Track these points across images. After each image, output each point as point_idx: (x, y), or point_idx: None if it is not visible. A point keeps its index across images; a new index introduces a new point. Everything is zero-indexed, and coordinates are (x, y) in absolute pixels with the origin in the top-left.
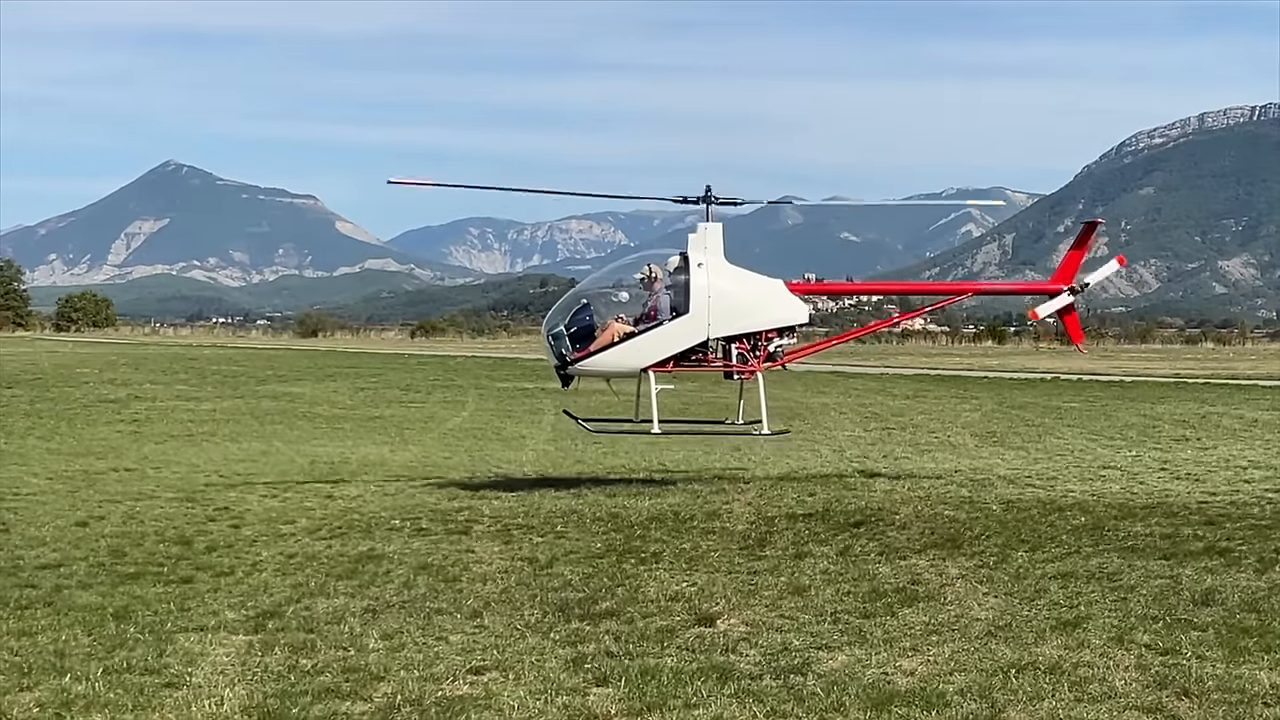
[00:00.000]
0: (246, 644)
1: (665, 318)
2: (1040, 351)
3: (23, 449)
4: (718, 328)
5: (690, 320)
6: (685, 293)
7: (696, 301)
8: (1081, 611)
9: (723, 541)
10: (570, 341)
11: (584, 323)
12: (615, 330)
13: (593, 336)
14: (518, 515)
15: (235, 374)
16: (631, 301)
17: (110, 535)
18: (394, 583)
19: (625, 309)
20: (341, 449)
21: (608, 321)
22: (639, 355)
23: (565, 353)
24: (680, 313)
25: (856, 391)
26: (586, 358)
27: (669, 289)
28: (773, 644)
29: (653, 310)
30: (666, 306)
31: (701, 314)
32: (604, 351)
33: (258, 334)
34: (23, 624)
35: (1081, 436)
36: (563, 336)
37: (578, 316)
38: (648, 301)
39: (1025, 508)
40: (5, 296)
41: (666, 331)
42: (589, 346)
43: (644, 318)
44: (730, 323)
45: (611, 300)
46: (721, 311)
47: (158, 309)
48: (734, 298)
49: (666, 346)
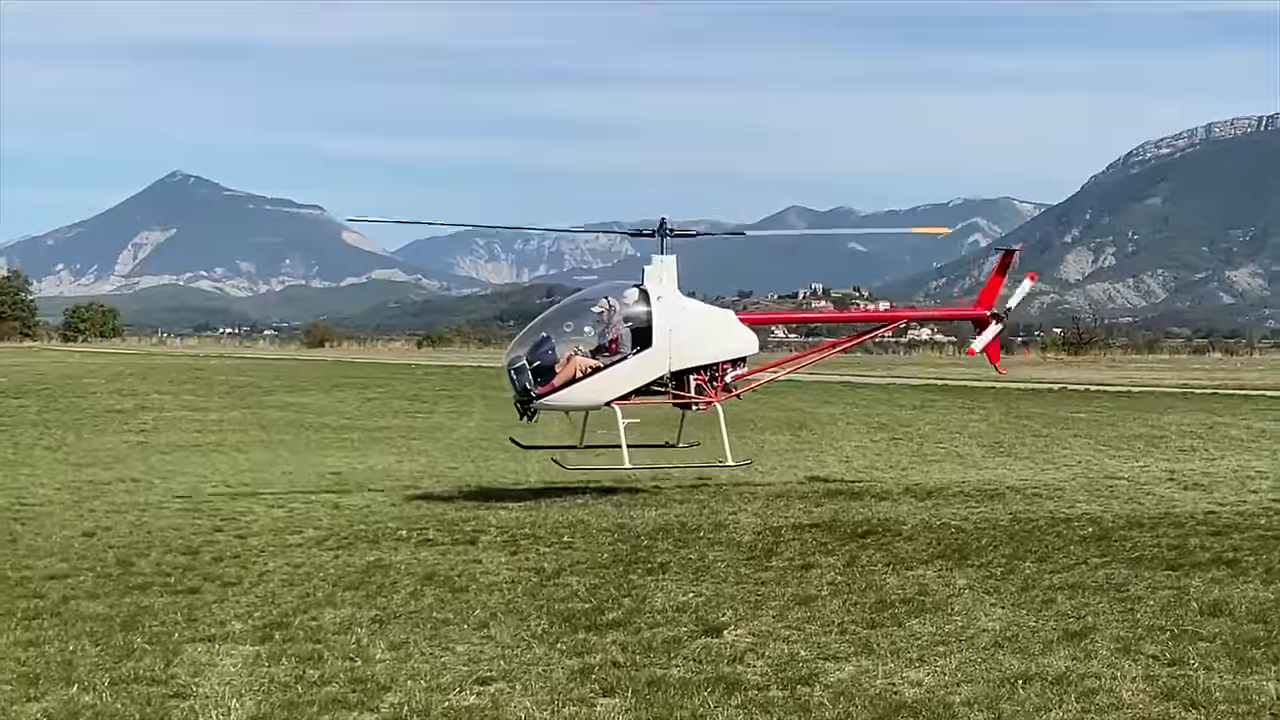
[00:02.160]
0: (253, 654)
1: (627, 351)
2: (1047, 362)
3: (30, 459)
4: (679, 359)
5: (653, 353)
6: (646, 326)
7: (658, 335)
8: (1089, 622)
9: (729, 552)
10: (533, 375)
11: (546, 357)
12: (578, 364)
13: (554, 370)
14: (525, 526)
15: (242, 384)
16: (592, 335)
17: (117, 545)
18: (401, 593)
19: (585, 342)
20: (348, 459)
21: (568, 355)
22: (603, 389)
23: (529, 386)
24: (642, 346)
25: (863, 402)
26: (551, 393)
27: (628, 322)
28: (780, 655)
29: (613, 343)
30: (627, 340)
31: (663, 347)
32: (568, 386)
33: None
34: (30, 634)
35: (1089, 447)
36: (525, 370)
37: (540, 350)
38: (607, 335)
39: (1032, 519)
40: (13, 307)
41: (630, 365)
42: (552, 381)
43: (604, 351)
44: (690, 355)
45: (572, 333)
46: (681, 344)
47: (165, 319)
48: (692, 330)
49: (630, 380)
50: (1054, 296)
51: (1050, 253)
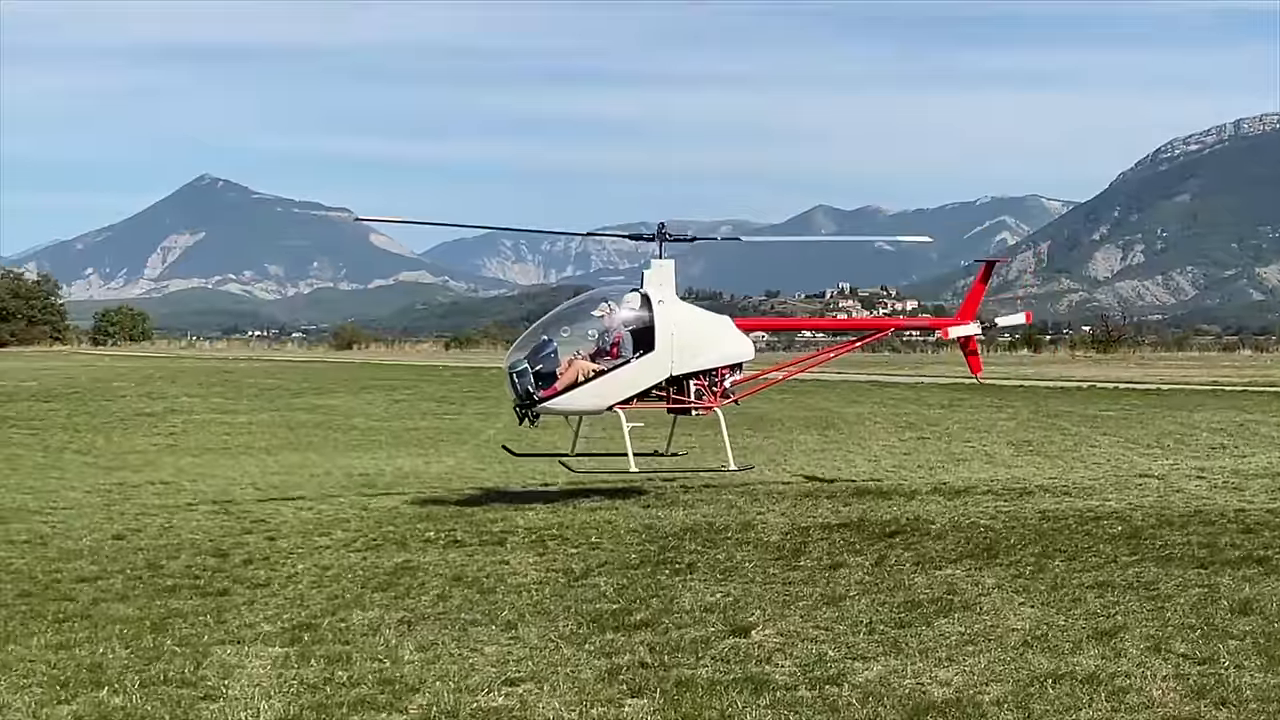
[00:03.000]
0: (282, 656)
1: (629, 355)
2: (1076, 360)
3: (60, 462)
4: (680, 364)
5: (654, 358)
6: (649, 330)
7: (660, 339)
8: (1118, 621)
9: (757, 552)
10: (535, 379)
11: (548, 360)
12: (580, 368)
13: (556, 375)
14: (552, 526)
15: (271, 387)
16: (593, 339)
17: (147, 548)
18: (429, 594)
19: (587, 346)
20: (376, 461)
21: (570, 359)
22: (605, 394)
23: (530, 390)
24: (644, 350)
25: (891, 401)
26: (553, 396)
27: (630, 326)
28: (808, 655)
29: (614, 348)
30: (629, 344)
31: (665, 351)
32: (570, 391)
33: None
34: (61, 637)
35: (1118, 445)
36: (527, 374)
37: (541, 354)
38: (609, 339)
39: (1062, 517)
40: (43, 311)
41: (632, 370)
42: (554, 385)
43: (605, 355)
44: (692, 359)
45: (573, 337)
46: (683, 348)
47: (194, 322)
48: (692, 335)
49: (633, 384)
50: (1083, 294)
51: (1078, 250)
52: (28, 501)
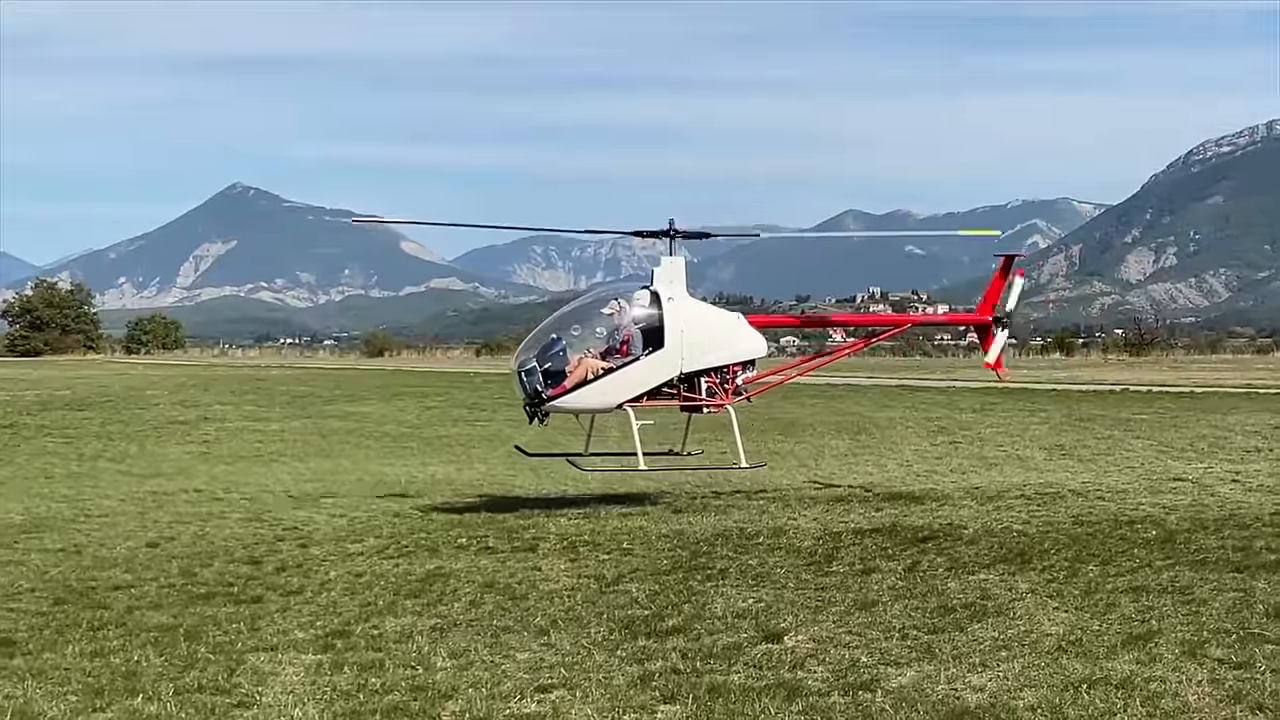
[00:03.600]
0: (316, 663)
1: (639, 353)
2: (1109, 363)
3: (94, 470)
4: (690, 362)
5: (664, 355)
6: (658, 327)
7: (670, 337)
8: (1153, 626)
9: (789, 558)
10: (543, 378)
11: (557, 359)
12: (589, 367)
13: (565, 373)
14: (584, 532)
15: (303, 394)
16: (603, 337)
17: (181, 556)
18: (461, 601)
19: (596, 344)
20: (408, 468)
21: (580, 357)
22: (614, 392)
23: (539, 388)
24: (654, 348)
25: (923, 405)
26: (562, 395)
27: (639, 324)
28: (841, 660)
29: (624, 345)
30: (639, 342)
31: (675, 349)
32: (580, 388)
33: (325, 354)
34: (95, 644)
35: (1152, 449)
36: (535, 372)
37: (550, 352)
38: (619, 337)
39: (1095, 521)
40: (76, 320)
41: (641, 367)
42: (563, 383)
43: (615, 353)
44: (702, 356)
45: (582, 335)
46: (692, 346)
47: (226, 330)
48: (702, 332)
49: (641, 382)
50: (1115, 297)
51: (1111, 253)
52: (62, 510)
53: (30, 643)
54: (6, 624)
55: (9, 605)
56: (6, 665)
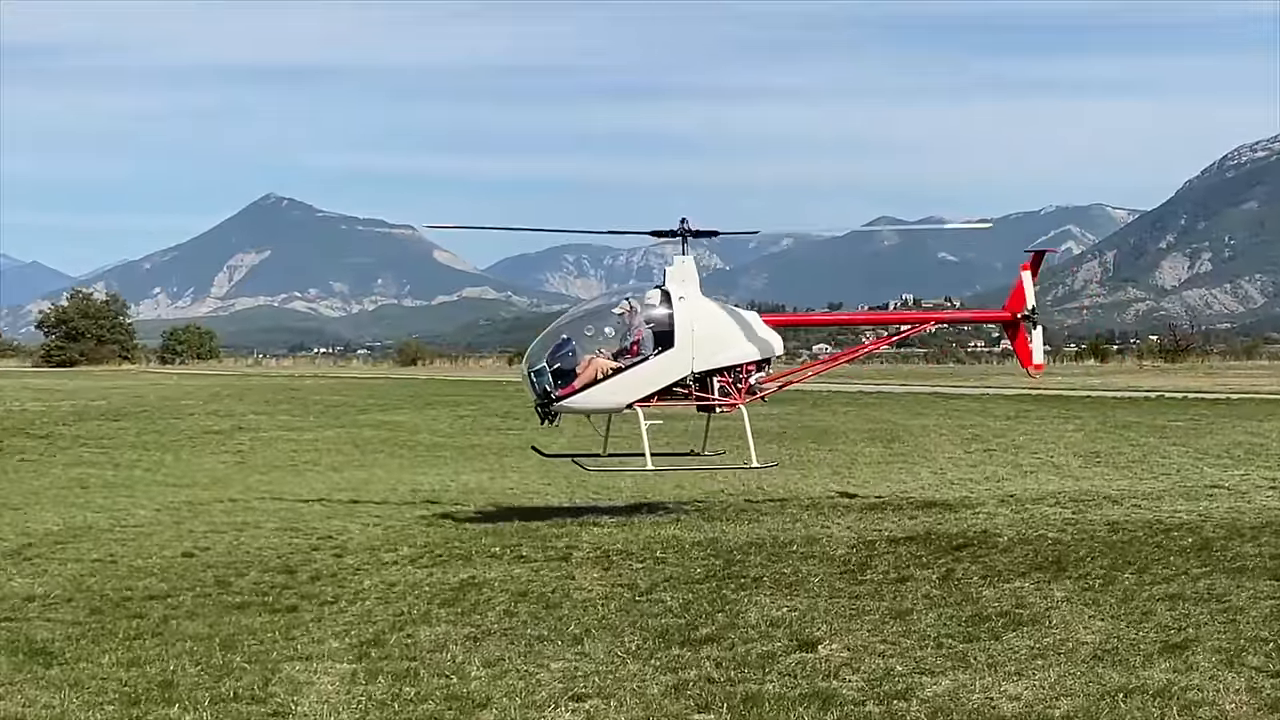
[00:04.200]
0: (350, 672)
1: (648, 353)
2: (1144, 370)
3: (130, 480)
4: (700, 361)
5: (674, 355)
6: (668, 327)
7: (680, 336)
8: (1190, 634)
9: (823, 566)
10: (553, 378)
11: (567, 359)
12: (599, 367)
13: (575, 373)
14: (617, 541)
15: (337, 404)
16: (613, 337)
17: (216, 565)
18: (495, 610)
19: (607, 345)
20: (442, 477)
21: (590, 358)
22: (624, 391)
23: (549, 389)
24: (664, 347)
25: (957, 412)
26: (571, 395)
27: (650, 323)
28: (875, 669)
29: (634, 345)
30: (649, 341)
31: (685, 348)
32: (589, 388)
33: (358, 363)
34: (132, 654)
35: (1187, 455)
36: (545, 373)
37: (560, 352)
38: (629, 337)
39: (1131, 529)
40: (111, 330)
41: (651, 367)
42: (573, 383)
43: (625, 353)
44: (713, 356)
45: (593, 336)
46: (704, 345)
47: (260, 340)
48: (714, 331)
49: (651, 382)
50: (1150, 303)
51: (1145, 259)
52: (98, 520)
53: (67, 652)
54: (44, 633)
55: (46, 615)
56: (44, 675)
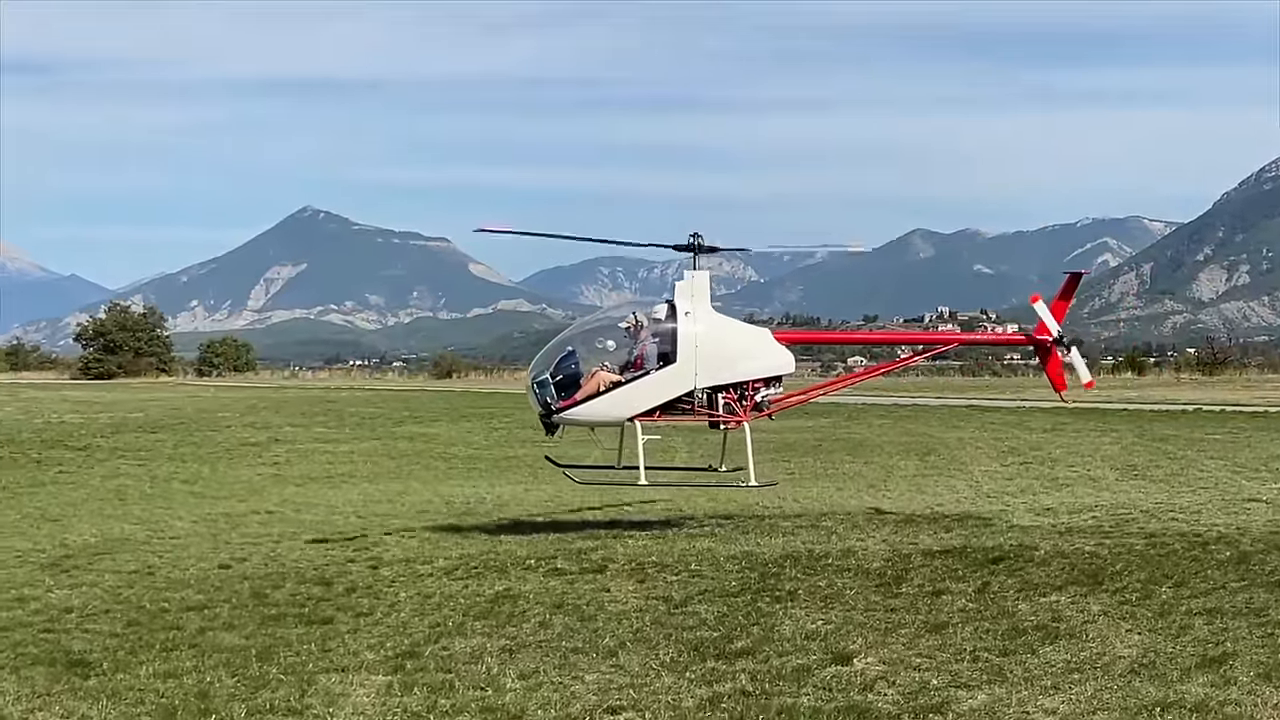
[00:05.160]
0: (386, 684)
1: (651, 367)
2: (1181, 383)
3: (167, 492)
4: (704, 377)
5: (677, 369)
6: (672, 342)
7: (683, 351)
8: (1228, 648)
9: (858, 579)
10: (555, 390)
11: (569, 371)
12: (601, 379)
13: (578, 385)
14: (652, 554)
15: (372, 416)
16: (617, 350)
17: (252, 577)
18: (530, 622)
19: (611, 357)
20: (477, 489)
21: (593, 370)
22: (625, 405)
23: (550, 401)
24: (667, 362)
25: (992, 425)
26: (572, 407)
27: (655, 337)
28: (911, 683)
29: (639, 359)
30: (653, 355)
31: (688, 363)
32: (589, 401)
33: (393, 376)
34: (169, 665)
35: (1225, 469)
36: (547, 385)
37: (563, 364)
38: (634, 350)
39: (1168, 542)
40: (149, 343)
41: (653, 381)
42: (574, 395)
43: (630, 366)
44: (717, 372)
45: (597, 348)
46: (708, 360)
47: (296, 352)
48: (720, 347)
49: (652, 396)
50: (1187, 316)
51: (1182, 271)
52: (136, 532)
53: (104, 663)
54: (81, 645)
55: (84, 626)
56: (81, 686)
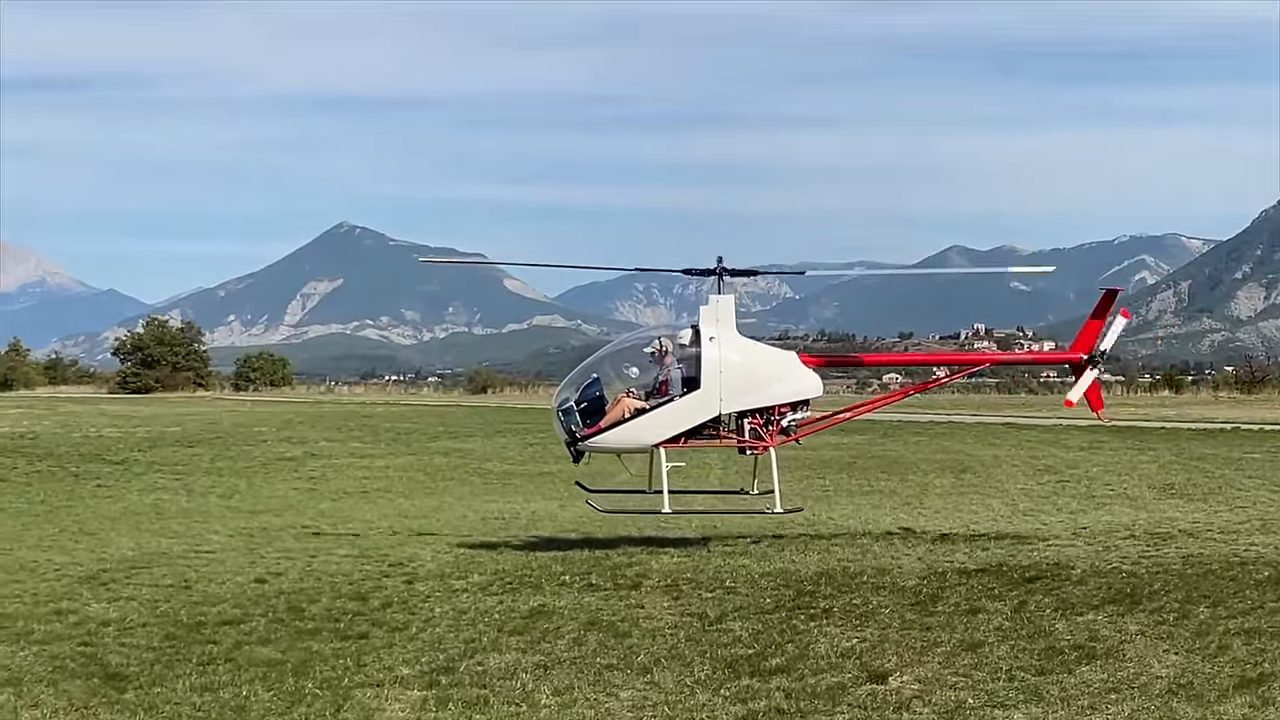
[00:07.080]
0: (421, 699)
1: (676, 393)
2: (1219, 401)
3: (204, 506)
4: (730, 402)
5: (702, 395)
6: (696, 367)
7: (708, 376)
8: (1266, 669)
9: (893, 597)
10: (580, 417)
11: (594, 397)
12: (626, 405)
13: (603, 411)
14: (686, 570)
15: (408, 431)
16: (642, 376)
17: (288, 591)
18: (565, 638)
19: (636, 383)
20: (512, 504)
21: (618, 396)
22: (649, 431)
23: (575, 428)
24: (692, 387)
25: (1029, 443)
26: (597, 434)
27: (680, 363)
28: (946, 702)
29: (663, 385)
30: (678, 381)
31: (713, 389)
32: (615, 428)
33: (429, 391)
34: (205, 679)
35: (1264, 488)
36: (572, 412)
37: (588, 391)
38: (659, 376)
39: (1206, 562)
40: (186, 357)
41: (678, 407)
42: (599, 422)
43: (655, 392)
44: (742, 397)
45: (622, 374)
46: (733, 386)
47: (332, 367)
48: (745, 371)
49: (678, 422)
50: (1225, 334)
51: (1220, 289)
52: (173, 546)
53: (141, 677)
54: (118, 658)
55: (121, 640)
56: (118, 699)
